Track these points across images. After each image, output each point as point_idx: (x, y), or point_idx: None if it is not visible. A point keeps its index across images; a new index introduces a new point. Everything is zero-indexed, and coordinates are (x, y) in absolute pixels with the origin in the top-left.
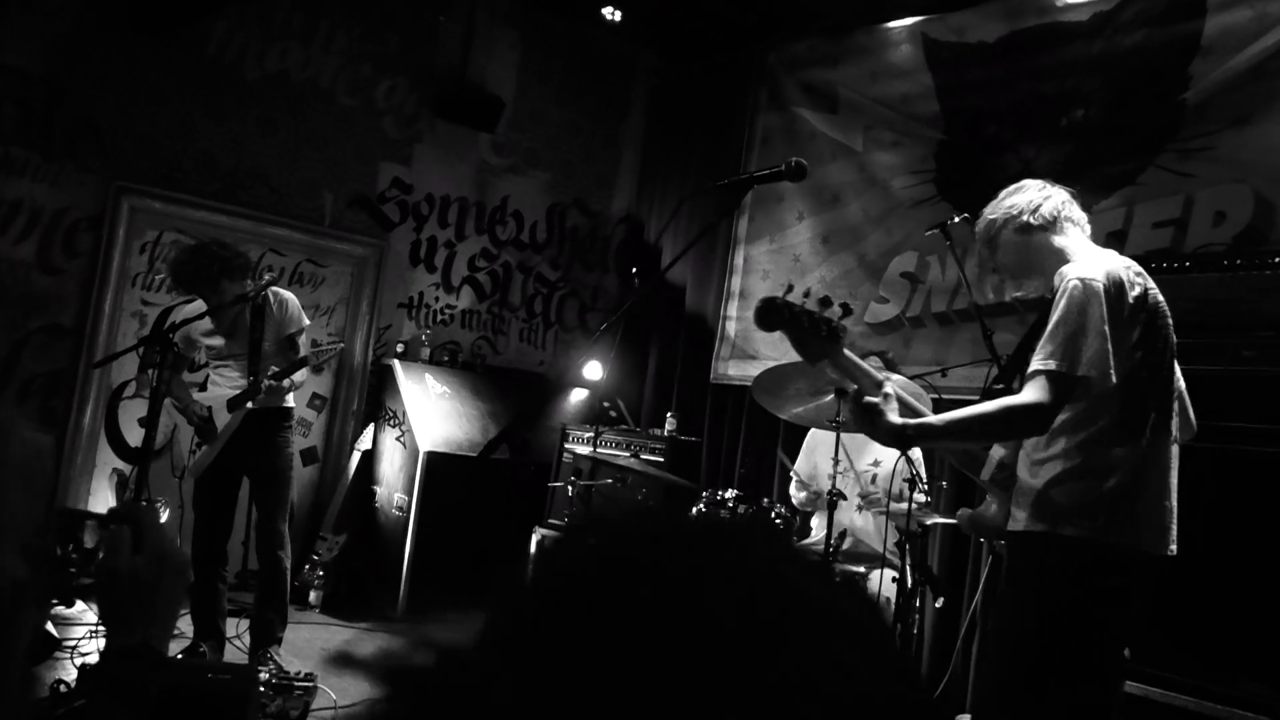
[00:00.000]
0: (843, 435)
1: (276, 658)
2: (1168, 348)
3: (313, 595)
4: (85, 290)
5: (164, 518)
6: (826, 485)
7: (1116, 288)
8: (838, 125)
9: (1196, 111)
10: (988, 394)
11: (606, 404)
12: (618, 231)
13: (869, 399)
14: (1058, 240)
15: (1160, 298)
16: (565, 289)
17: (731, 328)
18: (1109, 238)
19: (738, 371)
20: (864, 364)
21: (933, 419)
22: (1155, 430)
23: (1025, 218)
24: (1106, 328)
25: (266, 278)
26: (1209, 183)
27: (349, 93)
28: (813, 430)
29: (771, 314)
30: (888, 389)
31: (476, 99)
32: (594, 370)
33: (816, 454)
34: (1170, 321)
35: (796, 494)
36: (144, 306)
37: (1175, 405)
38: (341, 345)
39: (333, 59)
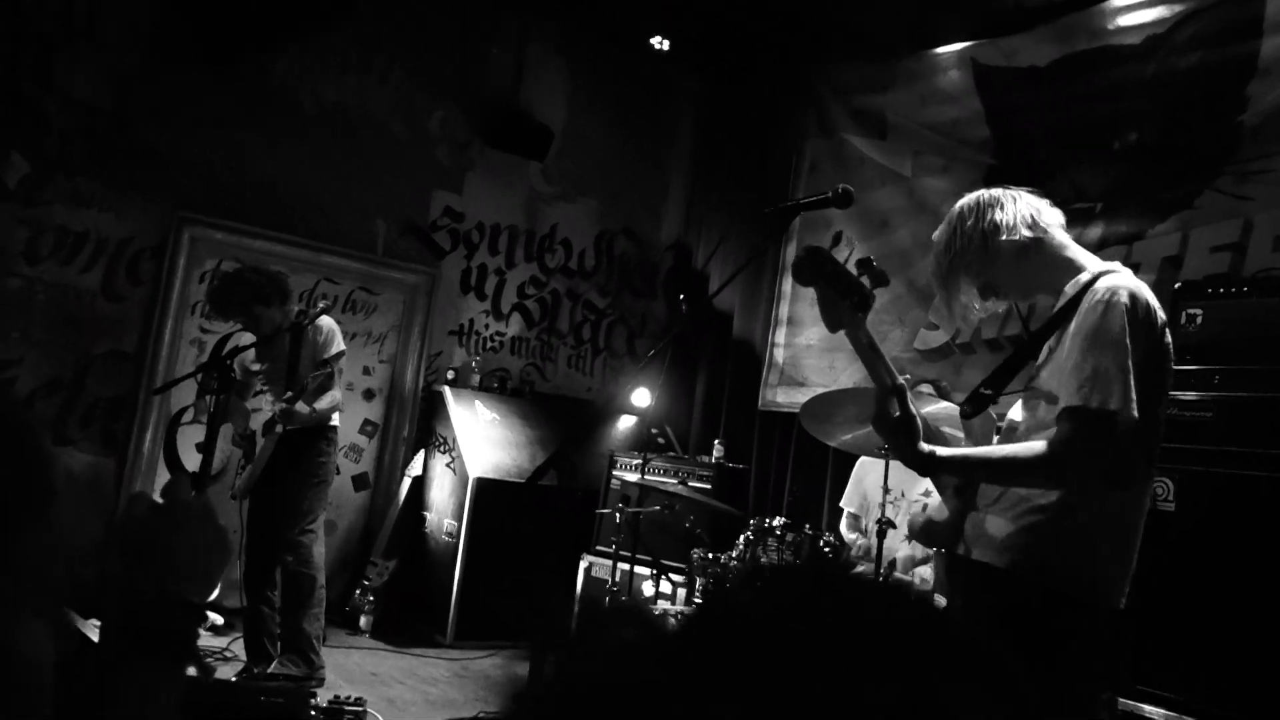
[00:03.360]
0: (895, 463)
1: (290, 666)
2: (1168, 382)
3: (363, 620)
4: (147, 317)
5: None
6: (876, 514)
7: (1145, 309)
8: (886, 151)
9: (1254, 133)
10: (972, 397)
11: (654, 431)
12: (666, 258)
13: (900, 414)
14: (1066, 249)
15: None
16: (613, 315)
17: (780, 354)
18: (1165, 263)
19: (786, 398)
20: (881, 349)
21: (961, 453)
22: (1143, 475)
23: (1025, 231)
24: (1138, 354)
25: (320, 305)
26: (1268, 206)
27: (403, 123)
28: (861, 459)
29: (814, 265)
30: (902, 382)
31: (527, 128)
32: (642, 397)
33: (865, 483)
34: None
35: (849, 535)
36: (202, 334)
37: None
38: (329, 371)
39: (387, 90)
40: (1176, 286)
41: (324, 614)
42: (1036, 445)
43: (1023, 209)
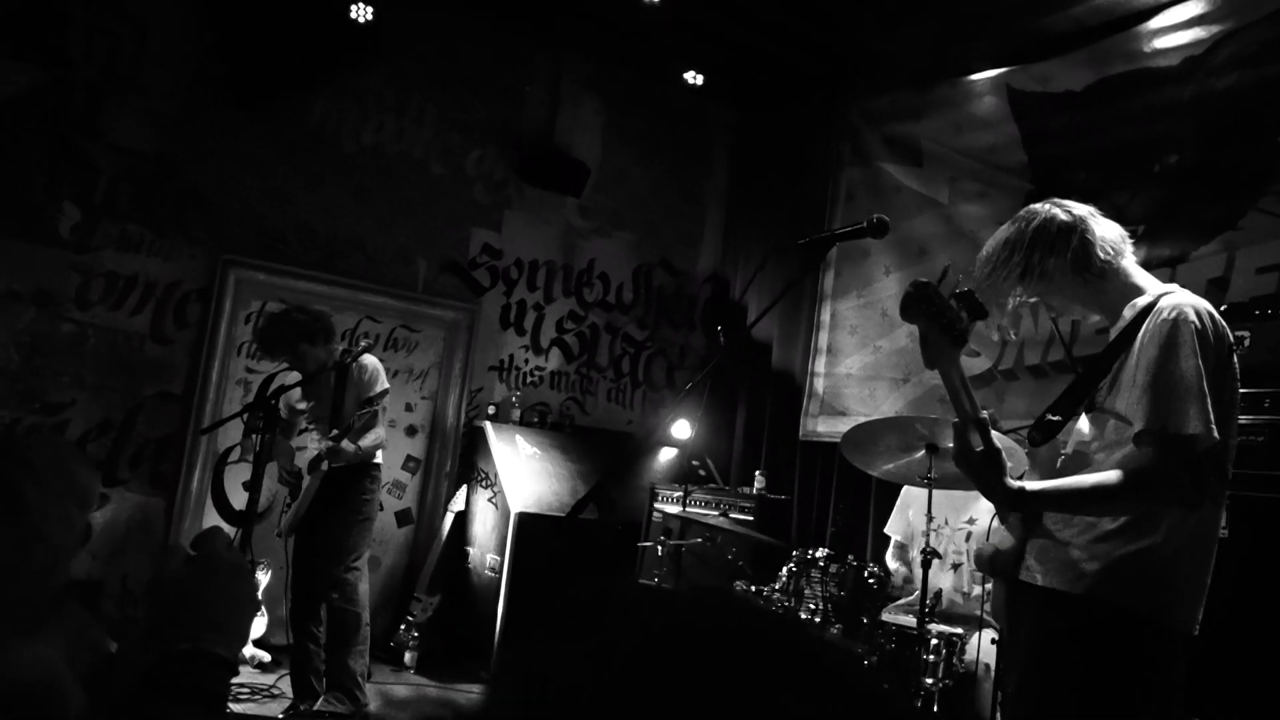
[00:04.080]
0: (937, 492)
1: (335, 703)
2: (1238, 399)
3: (408, 656)
4: (194, 359)
5: (266, 579)
6: (920, 543)
7: (1213, 326)
8: (923, 178)
9: None
10: (1040, 424)
11: (695, 462)
12: (704, 289)
13: (985, 448)
14: (1133, 274)
15: None
16: (652, 348)
17: (820, 384)
18: (1210, 284)
19: (827, 428)
20: (969, 385)
21: (1051, 486)
22: (1215, 497)
23: (1109, 254)
24: (1210, 372)
25: (363, 344)
26: None
27: (440, 162)
28: (906, 487)
29: (920, 301)
30: (984, 415)
31: (562, 164)
32: (682, 429)
33: (910, 511)
34: None
35: (894, 564)
36: (248, 374)
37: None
38: (375, 409)
39: (425, 130)
40: (1221, 309)
41: (369, 650)
42: (1118, 473)
43: (1108, 231)
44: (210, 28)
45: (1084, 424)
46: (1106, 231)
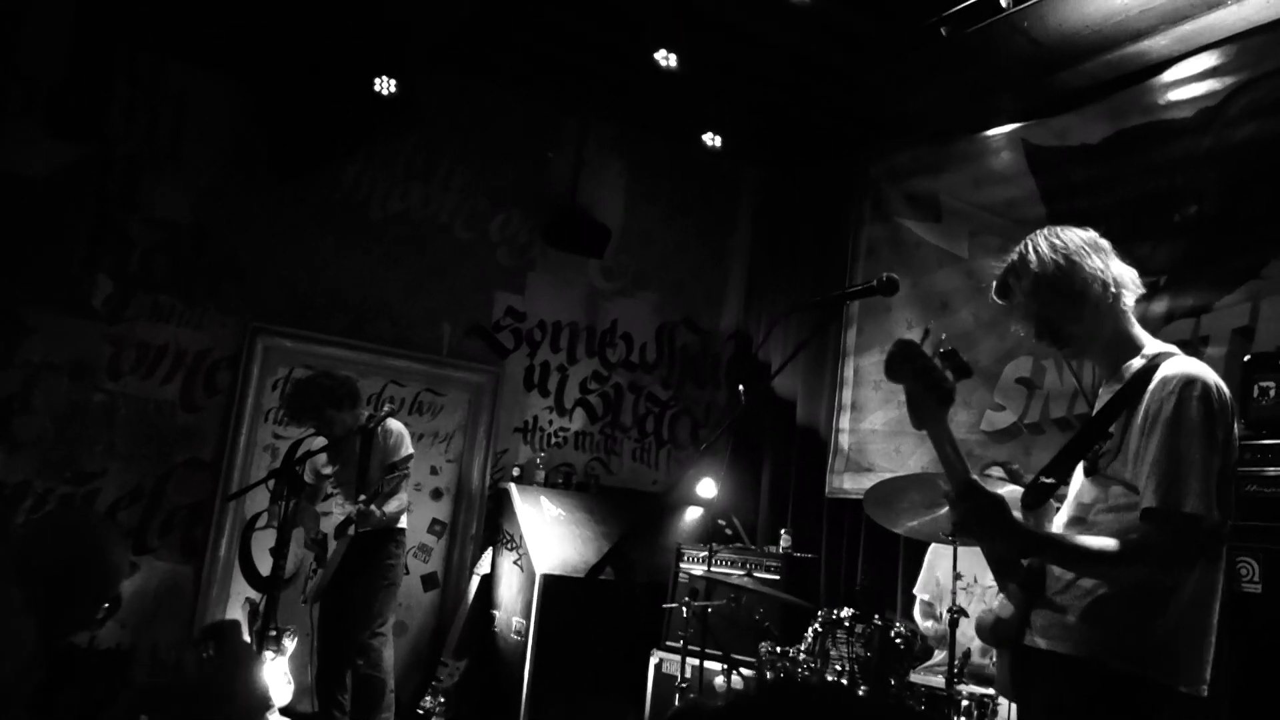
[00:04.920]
0: (964, 550)
1: None
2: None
3: None
4: (223, 426)
5: (292, 646)
6: (948, 602)
7: (1220, 400)
8: (942, 233)
9: None
10: (1033, 488)
11: (721, 521)
12: (728, 347)
13: (999, 498)
14: (1134, 325)
15: None
16: (677, 407)
17: (845, 440)
18: (1235, 334)
19: (853, 485)
20: (957, 444)
21: (1063, 538)
22: (1213, 557)
23: (1119, 290)
24: (1218, 453)
25: (386, 409)
26: None
27: (466, 226)
28: (934, 545)
29: (905, 361)
30: (979, 483)
31: (585, 227)
32: (708, 488)
33: (938, 569)
34: None
35: (923, 623)
36: (275, 440)
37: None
38: (402, 474)
39: (451, 195)
40: (1246, 359)
41: (394, 717)
42: (1120, 542)
43: (1122, 267)
44: (245, 101)
45: (1084, 486)
46: (1125, 267)
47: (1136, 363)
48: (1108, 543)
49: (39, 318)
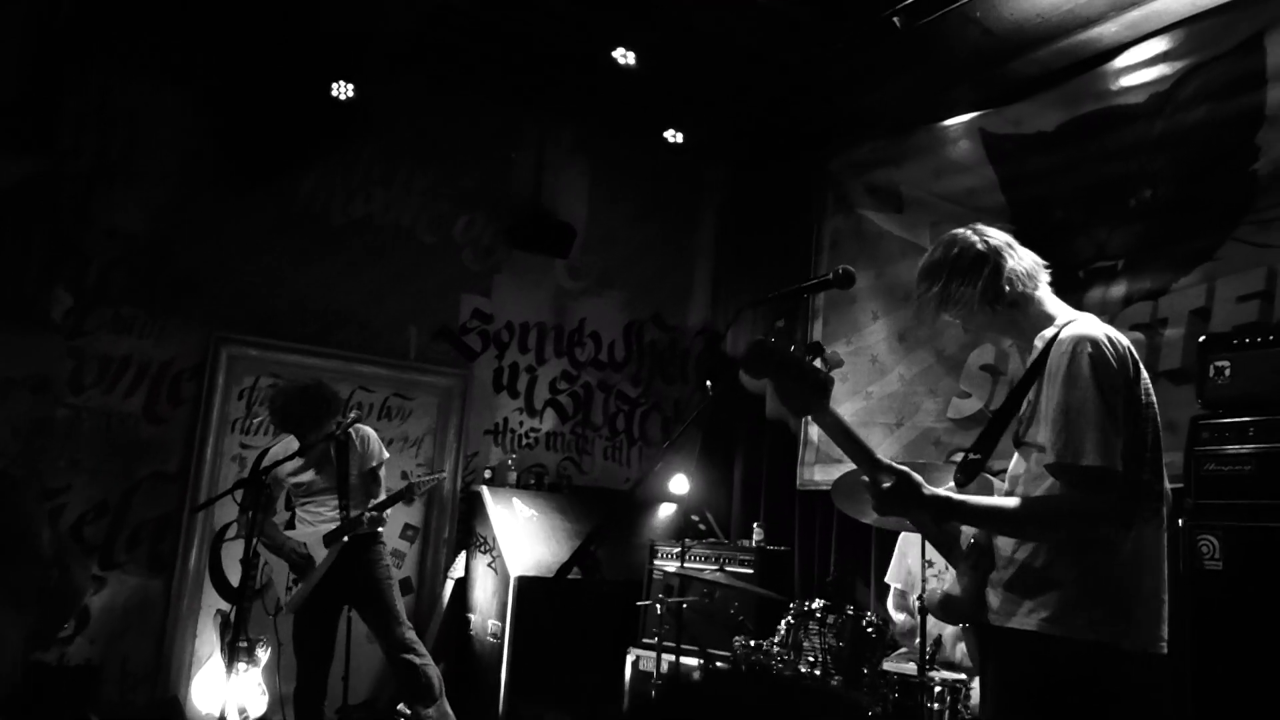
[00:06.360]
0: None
1: None
2: (1156, 420)
3: None
4: (188, 437)
5: (265, 657)
6: (919, 590)
7: (1111, 353)
8: (904, 224)
9: (1270, 181)
10: (963, 465)
11: (695, 517)
12: (696, 343)
13: (904, 471)
14: (1046, 303)
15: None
16: (647, 404)
17: (814, 432)
18: (1192, 315)
19: (824, 476)
20: (852, 427)
21: (971, 499)
22: (1148, 516)
23: (1025, 286)
24: (1114, 404)
25: (352, 415)
26: None
27: (429, 230)
28: (903, 534)
29: (761, 358)
30: (886, 463)
31: (549, 227)
32: (680, 484)
33: (909, 557)
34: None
35: (896, 615)
36: (243, 450)
37: (1166, 486)
38: (443, 475)
39: (413, 199)
40: (1200, 340)
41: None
42: (1031, 500)
43: (1021, 262)
44: (201, 112)
45: (1016, 458)
46: (1019, 263)
47: (1049, 332)
48: (1020, 502)
49: None
